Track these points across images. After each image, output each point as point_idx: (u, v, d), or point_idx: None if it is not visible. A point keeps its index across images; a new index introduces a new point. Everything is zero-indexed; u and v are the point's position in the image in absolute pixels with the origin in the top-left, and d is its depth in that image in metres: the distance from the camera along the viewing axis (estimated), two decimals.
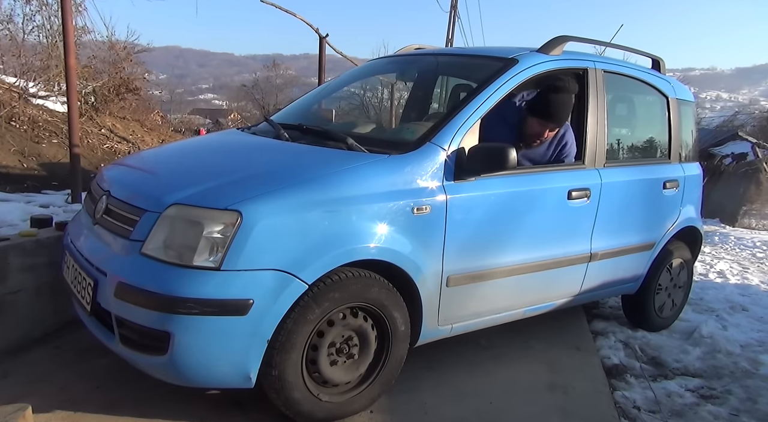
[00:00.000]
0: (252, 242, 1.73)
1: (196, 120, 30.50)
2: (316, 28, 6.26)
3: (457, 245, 2.14)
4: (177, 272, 1.71)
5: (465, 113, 2.22)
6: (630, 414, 2.31)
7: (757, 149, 12.96)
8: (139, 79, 7.86)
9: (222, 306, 1.70)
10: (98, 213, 2.04)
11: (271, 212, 1.77)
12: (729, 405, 2.44)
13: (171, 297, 1.67)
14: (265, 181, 1.89)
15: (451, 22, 17.99)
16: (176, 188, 1.89)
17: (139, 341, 1.76)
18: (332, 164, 2.02)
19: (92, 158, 5.47)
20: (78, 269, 1.99)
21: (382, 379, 2.08)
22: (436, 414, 2.12)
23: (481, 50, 2.99)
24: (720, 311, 3.72)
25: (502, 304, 2.48)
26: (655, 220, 3.07)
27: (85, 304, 1.91)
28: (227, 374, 1.78)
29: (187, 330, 1.68)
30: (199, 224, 1.75)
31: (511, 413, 2.18)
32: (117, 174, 2.27)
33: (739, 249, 6.52)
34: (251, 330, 1.73)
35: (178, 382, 1.81)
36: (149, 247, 1.77)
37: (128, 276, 1.76)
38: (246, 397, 2.12)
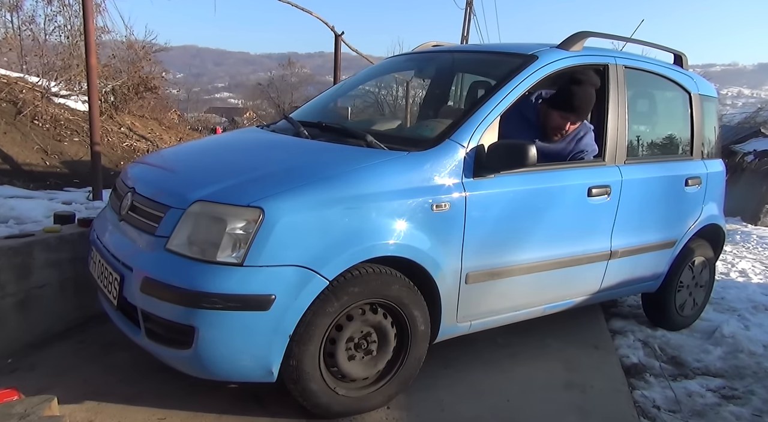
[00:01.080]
0: (274, 238, 1.75)
1: (212, 119, 30.76)
2: (332, 26, 6.28)
3: (476, 242, 2.14)
4: (201, 267, 1.74)
5: (484, 110, 2.22)
6: (650, 413, 2.29)
7: None
8: (157, 78, 7.96)
9: (245, 301, 1.73)
10: (123, 210, 2.08)
11: (292, 208, 1.79)
12: (751, 406, 2.40)
13: (195, 292, 1.71)
14: (286, 178, 1.91)
15: (467, 18, 17.89)
16: (199, 185, 1.92)
17: (164, 335, 1.80)
18: (352, 162, 2.03)
19: (112, 156, 5.56)
20: (104, 265, 2.03)
21: (400, 377, 2.09)
22: (453, 412, 2.12)
23: (499, 47, 2.98)
24: (742, 310, 3.65)
25: (521, 301, 2.47)
26: (677, 217, 3.04)
27: (112, 298, 1.95)
28: (250, 368, 1.81)
29: (211, 324, 1.72)
30: (222, 220, 1.77)
31: (528, 411, 2.17)
32: (141, 171, 2.31)
33: (762, 248, 6.38)
34: (273, 325, 1.76)
35: (202, 375, 1.85)
36: (174, 243, 1.80)
37: (153, 271, 1.79)
38: (265, 391, 2.14)
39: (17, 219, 3.08)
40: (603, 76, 2.64)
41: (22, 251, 2.34)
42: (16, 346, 2.33)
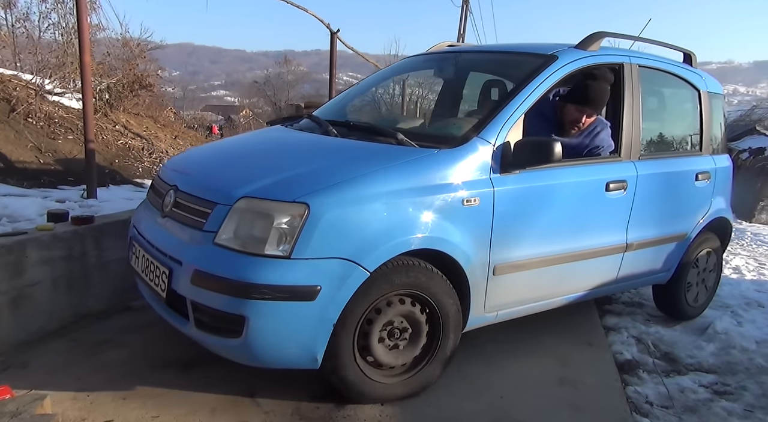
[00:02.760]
0: (318, 232, 1.84)
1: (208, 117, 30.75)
2: (327, 24, 6.27)
3: (503, 235, 2.24)
4: (250, 260, 1.83)
5: (510, 108, 2.31)
6: (642, 409, 2.30)
7: None
8: (152, 75, 7.93)
9: (292, 292, 1.81)
10: (166, 207, 2.16)
11: (335, 204, 1.88)
12: (743, 401, 2.41)
13: (246, 283, 1.79)
14: (327, 175, 2.00)
15: (463, 16, 17.88)
16: (243, 182, 2.00)
17: (213, 325, 1.88)
18: (387, 159, 2.11)
19: (107, 153, 5.55)
20: (150, 259, 2.11)
21: (433, 365, 2.18)
22: (446, 409, 2.13)
23: (518, 47, 3.03)
24: (735, 307, 3.67)
25: (544, 292, 2.57)
26: (688, 211, 3.14)
27: (160, 291, 2.02)
28: (296, 355, 1.90)
29: (261, 313, 1.80)
30: (270, 215, 1.86)
31: (522, 407, 2.18)
32: (181, 169, 2.38)
33: (756, 245, 6.41)
34: (319, 315, 1.85)
35: (250, 363, 1.94)
36: (222, 237, 1.89)
37: (204, 264, 1.87)
38: (260, 387, 2.15)
39: (10, 217, 3.07)
40: (618, 75, 2.74)
41: (15, 249, 2.33)
42: (9, 344, 2.32)
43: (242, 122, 26.32)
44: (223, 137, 19.33)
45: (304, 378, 2.24)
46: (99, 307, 2.75)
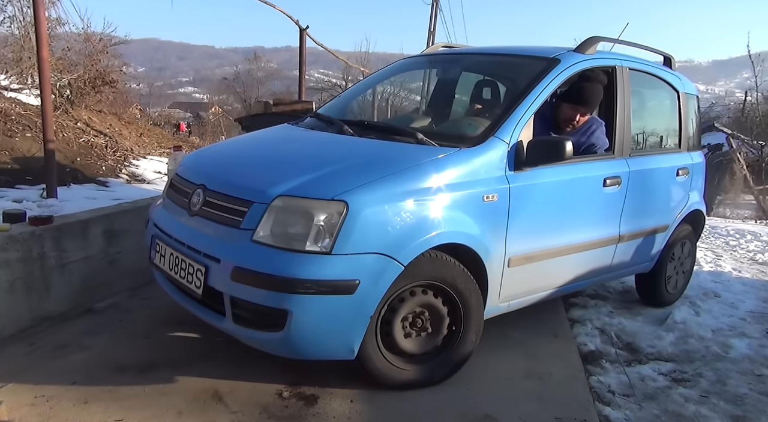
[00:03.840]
0: (357, 228, 1.93)
1: (176, 114, 30.06)
2: (296, 20, 6.22)
3: (517, 229, 2.38)
4: (292, 256, 1.90)
5: (521, 108, 2.44)
6: (605, 398, 2.37)
7: (732, 140, 13.24)
8: (116, 71, 7.72)
9: (334, 286, 1.90)
10: (195, 206, 2.19)
11: (371, 201, 1.97)
12: (699, 388, 2.51)
13: (289, 278, 1.86)
14: (360, 173, 2.08)
15: (433, 14, 17.97)
16: (277, 181, 2.05)
17: (253, 319, 1.95)
18: (414, 157, 2.21)
19: (68, 152, 5.38)
20: (181, 257, 2.14)
21: (457, 353, 2.28)
22: (416, 402, 2.14)
23: (519, 50, 3.16)
24: (693, 297, 3.81)
25: (550, 282, 2.74)
26: (670, 204, 3.38)
27: (194, 288, 2.06)
28: (334, 347, 2.00)
29: (304, 307, 1.88)
30: (309, 213, 1.94)
31: (489, 400, 2.21)
32: (208, 169, 2.41)
33: (713, 238, 6.67)
34: (357, 307, 1.95)
35: (290, 355, 2.03)
36: (260, 235, 1.95)
37: (244, 261, 1.92)
38: (226, 388, 2.12)
39: None
40: (611, 77, 2.92)
41: None
42: None
43: (211, 120, 25.78)
44: (191, 134, 18.94)
45: (272, 376, 2.24)
46: (59, 310, 2.67)
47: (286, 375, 2.25)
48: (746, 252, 5.82)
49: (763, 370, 2.72)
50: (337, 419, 1.99)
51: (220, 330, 2.09)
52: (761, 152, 15.54)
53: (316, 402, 2.09)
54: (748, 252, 5.81)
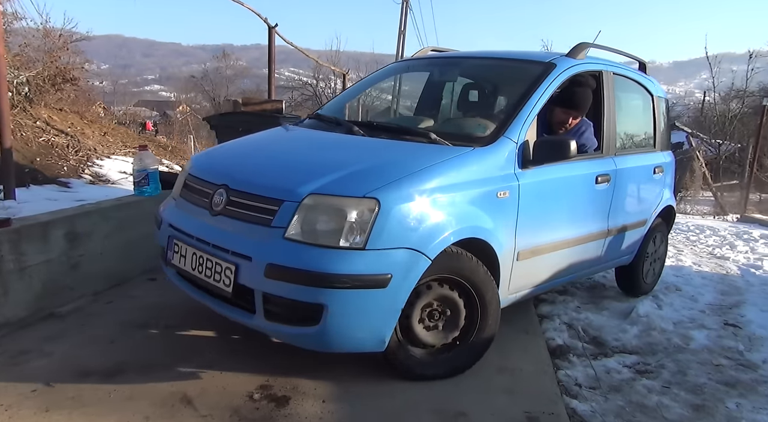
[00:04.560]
0: (388, 224, 2.01)
1: (142, 112, 29.31)
2: (265, 18, 6.14)
3: (525, 224, 2.51)
4: (327, 252, 1.97)
5: (526, 110, 2.58)
6: (572, 391, 2.42)
7: (692, 139, 13.71)
8: (77, 68, 7.49)
9: (368, 281, 1.97)
10: (218, 205, 2.22)
11: (400, 198, 2.06)
12: (662, 379, 2.59)
13: (326, 274, 1.93)
14: (385, 172, 2.16)
15: (403, 14, 18.03)
16: (304, 180, 2.10)
17: (286, 314, 2.01)
18: (433, 156, 2.31)
19: (27, 151, 5.19)
20: (206, 257, 2.16)
21: (476, 342, 2.38)
22: (388, 401, 2.15)
23: (516, 55, 3.31)
24: (656, 291, 3.94)
25: (552, 274, 2.88)
26: (648, 201, 3.63)
27: (223, 287, 2.09)
28: (366, 339, 2.07)
29: (339, 301, 1.95)
30: (342, 210, 2.00)
31: (461, 396, 2.24)
32: (227, 169, 2.41)
33: (674, 233, 6.89)
34: (389, 301, 2.03)
35: (322, 349, 2.10)
36: (292, 232, 2.00)
37: (278, 258, 1.97)
38: (196, 392, 2.09)
39: None
40: (598, 81, 3.12)
41: None
42: None
43: (179, 118, 25.22)
44: (158, 133, 18.50)
45: (242, 378, 2.21)
46: (19, 315, 2.57)
47: (257, 377, 2.23)
48: (705, 247, 6.04)
49: (721, 360, 2.84)
50: (309, 420, 1.98)
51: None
52: (719, 150, 16.15)
53: (287, 403, 2.07)
54: (707, 247, 6.04)
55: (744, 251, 5.77)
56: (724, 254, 5.59)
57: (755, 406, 2.37)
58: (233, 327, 2.67)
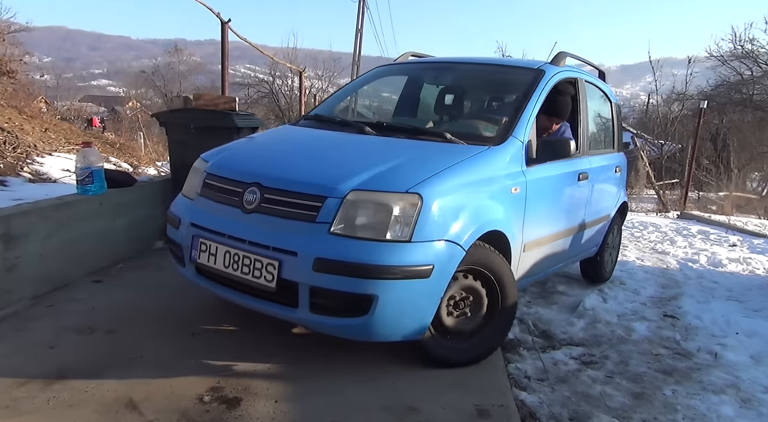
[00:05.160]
0: (430, 218, 2.14)
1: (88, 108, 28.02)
2: (217, 13, 6.00)
3: (530, 217, 2.72)
4: (376, 245, 2.07)
5: (527, 111, 2.80)
6: (521, 383, 2.50)
7: (636, 139, 14.34)
8: (15, 61, 7.10)
9: (414, 272, 2.09)
10: (251, 204, 2.27)
11: (439, 193, 2.19)
12: (605, 369, 2.71)
13: (377, 265, 2.04)
14: (418, 169, 2.28)
15: (361, 12, 18.03)
16: (344, 176, 2.21)
17: (334, 307, 2.10)
18: (455, 154, 2.46)
19: None
20: (242, 255, 2.21)
21: (497, 329, 2.53)
22: (341, 398, 2.15)
23: (506, 61, 3.81)
24: (602, 286, 4.11)
25: (546, 264, 3.15)
26: (611, 197, 3.99)
27: (265, 282, 2.15)
28: (409, 327, 2.19)
29: (388, 292, 2.06)
30: (387, 205, 2.11)
31: (413, 393, 2.25)
32: (256, 168, 2.45)
33: None
34: (431, 290, 2.17)
35: (367, 338, 2.20)
36: (338, 227, 2.10)
37: (326, 252, 2.06)
38: (141, 395, 2.02)
39: None
40: (575, 88, 3.41)
41: None
42: None
43: (128, 114, 24.24)
44: (105, 130, 17.76)
45: (191, 381, 2.16)
46: None
47: (208, 379, 2.18)
48: (648, 243, 6.34)
49: (660, 350, 2.99)
50: (261, 420, 1.96)
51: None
52: (661, 150, 16.96)
53: (238, 404, 2.04)
54: (650, 243, 6.33)
55: (683, 246, 6.09)
56: (665, 249, 5.88)
57: (689, 392, 2.51)
58: (183, 330, 2.61)
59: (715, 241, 6.66)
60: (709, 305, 3.79)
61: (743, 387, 2.58)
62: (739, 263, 5.22)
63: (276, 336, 2.63)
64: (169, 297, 3.03)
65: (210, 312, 2.85)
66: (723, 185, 14.66)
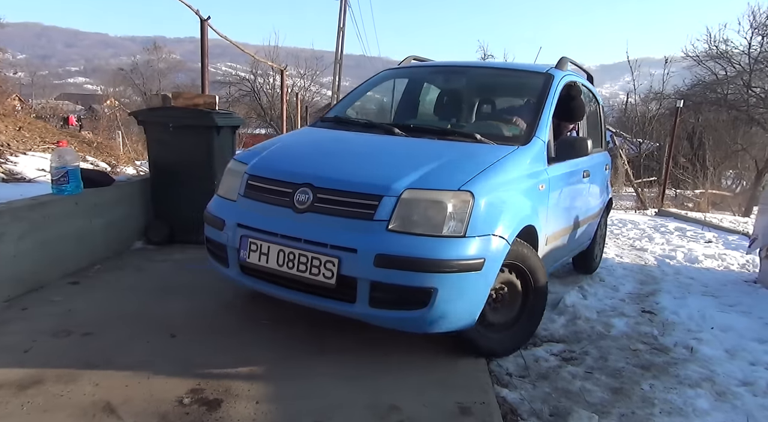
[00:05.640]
0: (481, 213, 2.27)
1: (65, 106, 27.41)
2: (196, 10, 5.91)
3: (551, 212, 2.92)
4: (435, 240, 2.20)
5: (546, 113, 2.99)
6: (503, 380, 2.51)
7: (615, 138, 14.55)
8: None
9: (469, 265, 2.22)
10: (303, 204, 2.35)
11: (486, 190, 2.33)
12: (585, 365, 2.74)
13: (437, 260, 2.16)
14: (463, 168, 2.42)
15: (343, 11, 17.97)
16: (396, 176, 2.32)
17: (394, 300, 2.22)
18: (491, 154, 2.61)
19: None
20: (298, 253, 2.29)
21: (530, 320, 2.71)
22: (322, 398, 2.14)
23: (516, 66, 3.90)
24: (582, 282, 4.15)
25: (558, 256, 3.34)
26: (602, 192, 4.25)
27: (324, 279, 2.24)
28: (463, 318, 2.33)
29: (447, 284, 2.18)
30: (442, 202, 2.24)
31: (395, 391, 2.25)
32: (307, 170, 2.50)
33: None
34: (483, 282, 2.30)
35: (424, 330, 2.31)
36: (395, 224, 2.22)
37: (387, 249, 2.17)
38: (119, 399, 1.99)
39: None
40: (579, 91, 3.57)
41: None
42: None
43: (107, 113, 23.77)
44: (82, 128, 17.39)
45: (171, 383, 2.13)
46: None
47: (188, 381, 2.16)
48: (627, 240, 6.44)
49: (638, 345, 3.04)
50: None
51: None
52: (640, 148, 17.24)
53: (219, 406, 2.02)
54: (629, 240, 6.44)
55: (660, 243, 6.21)
56: (644, 246, 5.98)
57: (666, 386, 2.56)
58: (162, 331, 2.57)
59: (692, 238, 6.80)
60: (686, 300, 3.86)
61: (718, 380, 2.64)
62: (715, 259, 5.34)
63: (258, 336, 2.61)
64: (148, 298, 2.99)
65: (190, 313, 2.82)
66: (699, 182, 14.98)
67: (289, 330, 2.72)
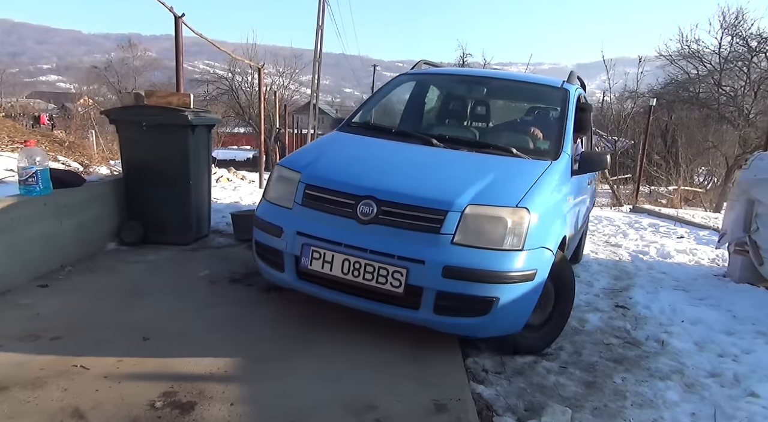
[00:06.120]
0: (535, 228, 2.46)
1: (36, 105, 26.73)
2: (170, 7, 5.81)
3: (569, 220, 3.10)
4: (497, 254, 2.38)
5: (568, 128, 3.22)
6: (479, 376, 2.53)
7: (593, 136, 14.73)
8: None
9: (525, 276, 2.42)
10: (367, 216, 2.48)
11: (537, 206, 2.51)
12: (560, 360, 2.78)
13: (500, 272, 2.36)
14: (514, 184, 2.62)
15: (321, 9, 17.89)
16: (457, 192, 2.48)
17: (457, 308, 2.40)
18: (534, 169, 2.80)
19: None
20: (365, 263, 2.43)
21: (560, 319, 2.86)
22: (298, 398, 2.13)
23: (532, 78, 4.13)
24: None
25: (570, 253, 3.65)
26: (593, 195, 4.76)
27: (391, 288, 2.39)
28: (515, 323, 2.54)
29: (507, 294, 2.38)
30: (502, 218, 2.42)
31: (372, 388, 2.25)
32: (368, 183, 2.59)
33: None
34: (534, 290, 2.48)
35: (484, 335, 2.56)
36: (459, 238, 2.39)
37: (454, 261, 2.35)
38: (88, 404, 1.95)
39: None
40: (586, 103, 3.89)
41: None
42: None
43: (80, 112, 23.24)
44: (54, 127, 16.97)
45: (143, 387, 2.09)
46: None
47: (160, 384, 2.12)
48: (602, 236, 6.55)
49: (611, 340, 3.09)
50: None
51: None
52: (615, 146, 17.53)
53: (192, 409, 1.99)
54: (604, 236, 6.54)
55: (635, 239, 6.33)
56: (618, 242, 6.08)
57: (638, 379, 2.61)
58: (134, 334, 2.53)
59: (665, 233, 6.95)
60: (658, 295, 3.94)
61: (687, 372, 2.70)
62: (686, 254, 5.47)
63: (232, 337, 2.59)
64: (120, 300, 2.93)
65: (163, 315, 2.78)
66: (672, 179, 15.31)
67: (263, 330, 2.70)
